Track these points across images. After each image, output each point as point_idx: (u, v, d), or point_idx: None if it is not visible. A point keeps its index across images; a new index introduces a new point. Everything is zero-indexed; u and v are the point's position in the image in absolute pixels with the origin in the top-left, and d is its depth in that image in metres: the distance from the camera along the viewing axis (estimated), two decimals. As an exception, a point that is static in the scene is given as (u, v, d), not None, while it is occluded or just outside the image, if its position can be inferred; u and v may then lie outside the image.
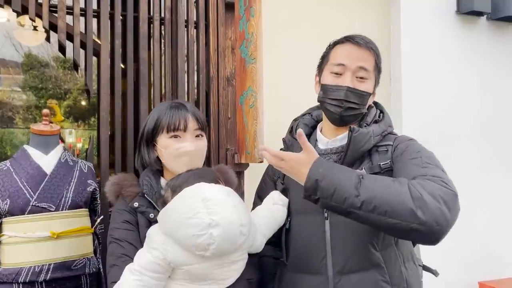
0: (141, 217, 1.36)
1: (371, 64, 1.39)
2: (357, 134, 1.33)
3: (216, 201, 1.19)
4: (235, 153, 2.27)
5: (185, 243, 1.18)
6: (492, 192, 3.06)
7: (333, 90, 1.37)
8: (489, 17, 3.06)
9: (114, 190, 1.42)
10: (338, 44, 1.42)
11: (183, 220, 1.17)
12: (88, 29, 2.14)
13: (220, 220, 1.16)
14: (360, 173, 1.18)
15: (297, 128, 1.49)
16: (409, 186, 1.12)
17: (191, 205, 1.18)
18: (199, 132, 1.43)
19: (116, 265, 1.28)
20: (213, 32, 2.30)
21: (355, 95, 1.35)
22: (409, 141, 1.38)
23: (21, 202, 1.71)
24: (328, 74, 1.40)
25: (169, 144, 1.39)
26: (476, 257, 2.96)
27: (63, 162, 1.85)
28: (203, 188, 1.24)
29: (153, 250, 1.22)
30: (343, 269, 1.30)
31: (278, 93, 2.44)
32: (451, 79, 2.98)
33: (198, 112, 1.47)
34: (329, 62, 1.42)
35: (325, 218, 1.35)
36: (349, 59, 1.37)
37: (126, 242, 1.32)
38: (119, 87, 2.19)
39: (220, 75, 2.31)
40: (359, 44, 1.37)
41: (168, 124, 1.38)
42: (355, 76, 1.37)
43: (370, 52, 1.38)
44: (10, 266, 1.70)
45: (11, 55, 8.37)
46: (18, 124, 8.70)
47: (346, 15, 2.84)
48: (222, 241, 1.17)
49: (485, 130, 3.07)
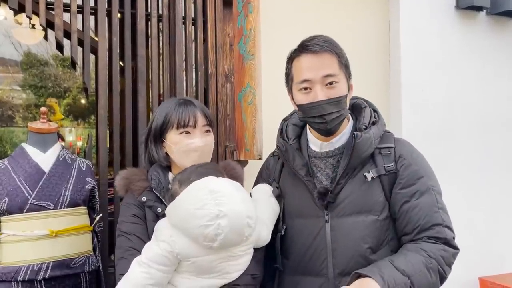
0: (149, 211, 1.39)
1: (335, 65, 1.33)
2: (360, 141, 1.33)
3: (223, 193, 1.23)
4: (234, 150, 2.26)
5: (193, 234, 1.21)
6: (492, 188, 3.06)
7: (309, 109, 1.33)
8: (489, 12, 3.05)
9: (123, 184, 1.45)
10: (295, 59, 1.37)
11: (192, 211, 1.21)
12: (85, 26, 2.13)
13: (228, 211, 1.20)
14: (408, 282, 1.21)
15: (287, 129, 1.49)
16: None
17: (199, 197, 1.22)
18: (208, 128, 1.46)
19: (124, 258, 1.31)
20: (211, 29, 2.29)
21: (331, 105, 1.32)
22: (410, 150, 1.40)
23: (19, 201, 1.71)
24: (297, 92, 1.37)
25: (179, 140, 1.42)
26: (476, 253, 2.95)
27: (61, 160, 1.85)
28: (212, 181, 1.27)
29: (161, 243, 1.25)
30: (343, 271, 1.32)
31: (277, 90, 2.42)
32: (451, 74, 2.97)
33: (206, 108, 1.50)
34: (294, 80, 1.38)
35: (325, 221, 1.36)
36: (311, 71, 1.32)
37: (134, 235, 1.35)
38: (117, 84, 2.18)
39: (218, 72, 2.30)
40: (315, 52, 1.32)
41: (178, 120, 1.41)
42: (324, 85, 1.32)
43: (330, 54, 1.33)
44: (9, 264, 1.70)
45: (10, 54, 8.37)
46: (18, 122, 8.71)
47: (344, 10, 2.83)
48: (229, 232, 1.20)
49: (485, 126, 3.07)
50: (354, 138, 1.33)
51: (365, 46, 2.85)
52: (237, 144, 2.27)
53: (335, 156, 1.39)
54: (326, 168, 1.40)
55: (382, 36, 2.94)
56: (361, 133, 1.35)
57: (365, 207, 1.34)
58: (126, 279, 1.25)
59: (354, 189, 1.35)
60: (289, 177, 1.47)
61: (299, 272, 1.40)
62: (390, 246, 1.35)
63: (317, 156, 1.41)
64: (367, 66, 2.81)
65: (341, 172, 1.35)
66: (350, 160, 1.34)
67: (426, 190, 1.33)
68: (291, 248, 1.42)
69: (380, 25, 2.93)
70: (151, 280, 1.23)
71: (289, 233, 1.43)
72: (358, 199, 1.34)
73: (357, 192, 1.35)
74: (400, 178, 1.34)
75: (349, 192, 1.35)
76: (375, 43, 2.91)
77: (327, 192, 1.35)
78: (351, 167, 1.35)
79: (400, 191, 1.34)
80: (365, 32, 2.88)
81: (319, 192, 1.36)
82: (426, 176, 1.36)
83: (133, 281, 1.24)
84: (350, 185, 1.36)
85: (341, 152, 1.38)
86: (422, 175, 1.35)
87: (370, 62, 2.87)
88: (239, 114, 2.24)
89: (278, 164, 1.54)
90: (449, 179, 1.43)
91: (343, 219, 1.34)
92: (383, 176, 1.35)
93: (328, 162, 1.40)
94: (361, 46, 2.81)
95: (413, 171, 1.35)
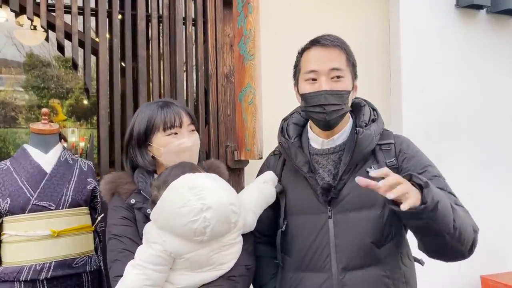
0: (138, 213, 1.39)
1: (343, 61, 1.36)
2: (362, 136, 1.35)
3: (203, 187, 1.24)
4: (235, 150, 2.27)
5: (182, 232, 1.22)
6: (493, 187, 3.06)
7: (312, 97, 1.35)
8: (489, 10, 3.05)
9: (109, 189, 1.43)
10: (305, 51, 1.40)
11: (176, 210, 1.21)
12: (86, 27, 2.15)
13: (211, 203, 1.21)
14: (452, 202, 1.22)
15: (288, 128, 1.50)
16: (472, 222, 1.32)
17: (180, 195, 1.23)
18: (192, 127, 1.46)
19: (118, 260, 1.31)
20: (211, 29, 2.30)
21: (334, 96, 1.34)
22: (409, 144, 1.42)
23: (21, 201, 1.72)
24: (303, 82, 1.39)
25: (167, 142, 1.40)
26: (478, 252, 2.93)
27: (63, 160, 1.86)
28: (189, 178, 1.27)
29: (153, 244, 1.25)
30: (347, 266, 1.33)
31: (277, 90, 2.43)
32: (451, 74, 2.97)
33: (187, 108, 1.51)
34: (301, 71, 1.40)
35: (328, 217, 1.36)
36: (319, 63, 1.35)
37: (126, 237, 1.35)
38: (118, 85, 2.20)
39: (219, 72, 2.31)
40: (325, 45, 1.35)
41: (164, 122, 1.40)
42: (330, 78, 1.35)
43: (339, 50, 1.36)
44: (11, 264, 1.71)
45: (13, 55, 8.41)
46: (20, 123, 8.74)
47: (345, 10, 2.83)
48: (217, 222, 1.22)
49: (486, 125, 3.07)
50: (356, 134, 1.35)
51: (365, 46, 2.85)
52: (237, 144, 2.28)
53: (337, 153, 1.40)
54: (328, 165, 1.40)
55: (382, 36, 2.94)
56: (363, 129, 1.36)
57: (368, 202, 1.35)
58: (122, 283, 1.24)
59: (357, 185, 1.35)
60: (291, 174, 1.48)
61: (302, 269, 1.40)
62: (394, 241, 1.36)
63: (319, 153, 1.42)
64: (368, 66, 2.81)
65: (344, 168, 1.36)
66: (353, 156, 1.35)
67: (433, 177, 1.33)
68: (294, 245, 1.43)
69: (380, 25, 2.93)
70: (148, 281, 1.23)
71: (291, 230, 1.44)
72: (361, 194, 1.34)
73: (359, 187, 1.36)
74: (405, 171, 1.35)
75: (352, 188, 1.36)
76: (375, 43, 2.92)
77: (330, 188, 1.36)
78: (353, 163, 1.36)
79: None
80: (365, 32, 2.88)
81: (322, 188, 1.36)
82: (431, 166, 1.37)
83: (130, 284, 1.23)
84: (352, 181, 1.35)
85: (342, 149, 1.40)
86: (426, 164, 1.37)
87: (371, 62, 2.87)
88: (240, 114, 2.25)
89: (279, 163, 1.54)
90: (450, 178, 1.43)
91: (346, 215, 1.35)
92: None
93: (330, 159, 1.40)
94: (361, 46, 2.81)
95: (416, 162, 1.36)
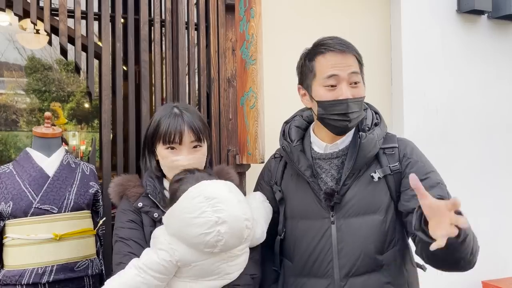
0: (146, 216, 1.39)
1: (357, 65, 1.38)
2: (365, 141, 1.34)
3: (220, 199, 1.22)
4: (237, 154, 2.27)
5: (193, 242, 1.21)
6: (495, 192, 3.05)
7: (334, 105, 1.33)
8: (490, 15, 3.05)
9: (118, 191, 1.45)
10: (319, 55, 1.37)
11: (190, 220, 1.20)
12: (89, 32, 2.15)
13: (226, 217, 1.20)
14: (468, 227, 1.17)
15: (290, 131, 1.50)
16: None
17: (196, 205, 1.21)
18: (196, 144, 1.42)
19: (123, 263, 1.31)
20: (214, 34, 2.31)
21: (356, 104, 1.34)
22: (413, 148, 1.42)
23: (24, 205, 1.72)
24: (321, 88, 1.36)
25: (165, 155, 1.41)
26: (479, 256, 2.94)
27: (65, 164, 1.86)
28: (206, 187, 1.26)
29: (159, 251, 1.25)
30: (349, 272, 1.32)
31: (279, 94, 2.44)
32: (452, 78, 2.98)
33: (197, 120, 1.43)
34: (317, 76, 1.37)
35: (331, 222, 1.36)
36: (339, 68, 1.34)
37: (132, 240, 1.35)
38: (120, 89, 2.20)
39: (221, 77, 2.31)
40: (342, 51, 1.35)
41: (163, 135, 1.39)
42: (349, 84, 1.34)
43: (353, 55, 1.37)
44: (13, 268, 1.71)
45: (15, 59, 8.42)
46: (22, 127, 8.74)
47: (346, 14, 2.84)
48: (229, 237, 1.21)
49: (488, 129, 3.07)
50: (359, 139, 1.34)
51: (366, 50, 2.81)
52: (239, 148, 2.28)
53: (340, 157, 1.39)
54: (331, 169, 1.40)
55: (384, 40, 2.95)
56: (366, 133, 1.36)
57: (371, 208, 1.34)
58: (118, 275, 1.26)
59: (360, 190, 1.35)
60: (292, 178, 1.48)
61: (304, 274, 1.39)
62: (397, 247, 1.36)
63: (321, 158, 1.41)
64: (369, 70, 2.77)
65: (347, 172, 1.35)
66: (356, 160, 1.34)
67: (436, 184, 1.33)
68: (296, 250, 1.42)
69: (381, 29, 2.94)
70: (144, 285, 1.23)
71: (292, 235, 1.43)
72: (364, 199, 1.34)
73: (363, 192, 1.35)
74: (405, 163, 1.36)
75: (355, 193, 1.35)
76: (377, 47, 2.92)
77: (333, 193, 1.35)
78: (356, 168, 1.36)
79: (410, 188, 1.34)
80: (367, 36, 2.89)
81: (325, 193, 1.35)
82: (433, 172, 1.37)
83: (123, 279, 1.24)
84: (356, 186, 1.36)
85: (345, 153, 1.39)
86: (430, 170, 1.36)
87: (372, 67, 2.87)
88: (242, 118, 2.25)
89: (280, 166, 1.54)
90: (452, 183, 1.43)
91: (349, 220, 1.34)
92: (389, 176, 1.36)
93: (333, 163, 1.40)
94: (363, 51, 2.78)
95: (420, 167, 1.35)
